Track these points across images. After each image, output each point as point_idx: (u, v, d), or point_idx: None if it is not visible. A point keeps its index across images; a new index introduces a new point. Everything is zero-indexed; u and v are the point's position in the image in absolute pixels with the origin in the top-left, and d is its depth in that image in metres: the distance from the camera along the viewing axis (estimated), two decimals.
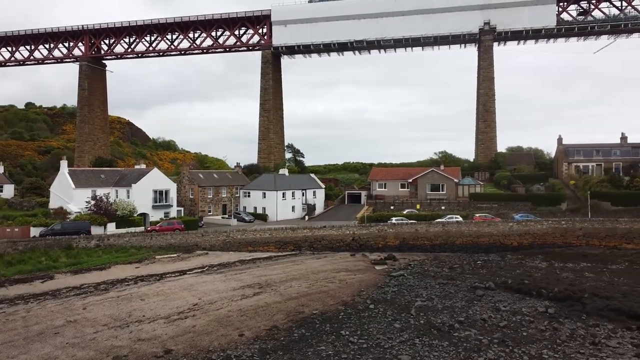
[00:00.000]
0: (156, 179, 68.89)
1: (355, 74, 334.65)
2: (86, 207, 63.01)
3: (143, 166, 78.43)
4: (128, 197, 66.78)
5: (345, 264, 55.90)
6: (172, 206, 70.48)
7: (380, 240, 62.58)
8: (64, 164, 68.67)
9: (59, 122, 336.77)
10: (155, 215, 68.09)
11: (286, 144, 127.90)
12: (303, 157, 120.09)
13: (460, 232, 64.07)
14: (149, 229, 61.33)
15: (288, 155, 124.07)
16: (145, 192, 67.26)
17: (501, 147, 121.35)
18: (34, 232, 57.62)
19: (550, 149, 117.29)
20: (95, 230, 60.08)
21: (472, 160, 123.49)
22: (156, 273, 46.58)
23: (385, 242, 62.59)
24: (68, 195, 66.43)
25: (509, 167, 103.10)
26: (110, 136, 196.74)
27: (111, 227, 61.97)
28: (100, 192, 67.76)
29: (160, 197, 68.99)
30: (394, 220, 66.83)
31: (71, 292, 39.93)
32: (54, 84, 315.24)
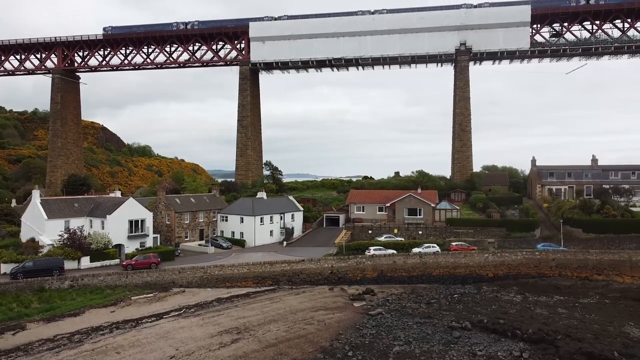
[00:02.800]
0: (131, 209, 67.65)
1: (334, 75, 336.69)
2: (59, 240, 61.65)
3: (118, 193, 77.09)
4: (103, 228, 65.46)
5: (323, 300, 55.88)
6: (148, 236, 69.31)
7: (358, 272, 62.77)
8: (35, 194, 66.95)
9: (30, 128, 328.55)
10: (130, 246, 66.90)
11: (264, 161, 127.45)
12: (281, 174, 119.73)
13: (437, 263, 64.74)
14: (124, 263, 60.18)
15: (266, 172, 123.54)
16: (120, 223, 65.99)
17: (476, 159, 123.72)
18: (5, 268, 56.07)
19: (524, 156, 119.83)
20: (69, 264, 58.77)
21: (448, 177, 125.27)
22: (132, 318, 45.77)
23: (364, 274, 62.82)
24: (40, 226, 64.79)
25: (484, 187, 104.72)
26: (84, 142, 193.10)
27: (85, 261, 60.71)
28: (74, 222, 66.32)
29: (135, 227, 67.79)
30: (372, 250, 67.05)
31: (44, 345, 38.90)
32: (25, 84, 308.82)
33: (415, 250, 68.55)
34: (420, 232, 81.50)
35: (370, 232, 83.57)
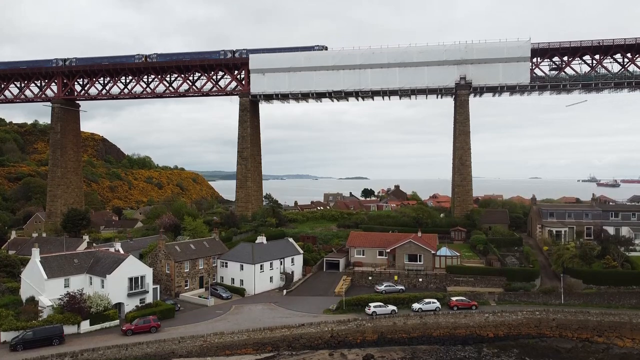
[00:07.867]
0: (131, 266, 67.41)
1: None
2: (59, 303, 61.70)
3: (118, 245, 76.99)
4: (102, 286, 65.33)
5: None
6: (147, 292, 69.15)
7: (358, 335, 62.68)
8: (35, 252, 66.78)
9: (30, 140, 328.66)
10: (130, 304, 66.74)
11: (264, 194, 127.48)
12: (281, 207, 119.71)
13: (437, 324, 64.69)
14: (124, 328, 59.90)
15: (266, 206, 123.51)
16: (120, 281, 65.76)
17: (475, 159, 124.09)
18: (5, 336, 56.08)
19: (522, 157, 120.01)
20: (69, 329, 58.76)
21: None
22: None
23: (364, 337, 62.73)
24: (40, 285, 64.61)
25: (484, 225, 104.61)
26: (84, 155, 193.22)
27: (85, 325, 60.61)
28: (74, 280, 66.33)
29: (135, 284, 67.58)
30: (372, 307, 66.74)
31: None
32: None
33: (416, 306, 68.42)
34: (420, 280, 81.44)
35: (370, 278, 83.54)
